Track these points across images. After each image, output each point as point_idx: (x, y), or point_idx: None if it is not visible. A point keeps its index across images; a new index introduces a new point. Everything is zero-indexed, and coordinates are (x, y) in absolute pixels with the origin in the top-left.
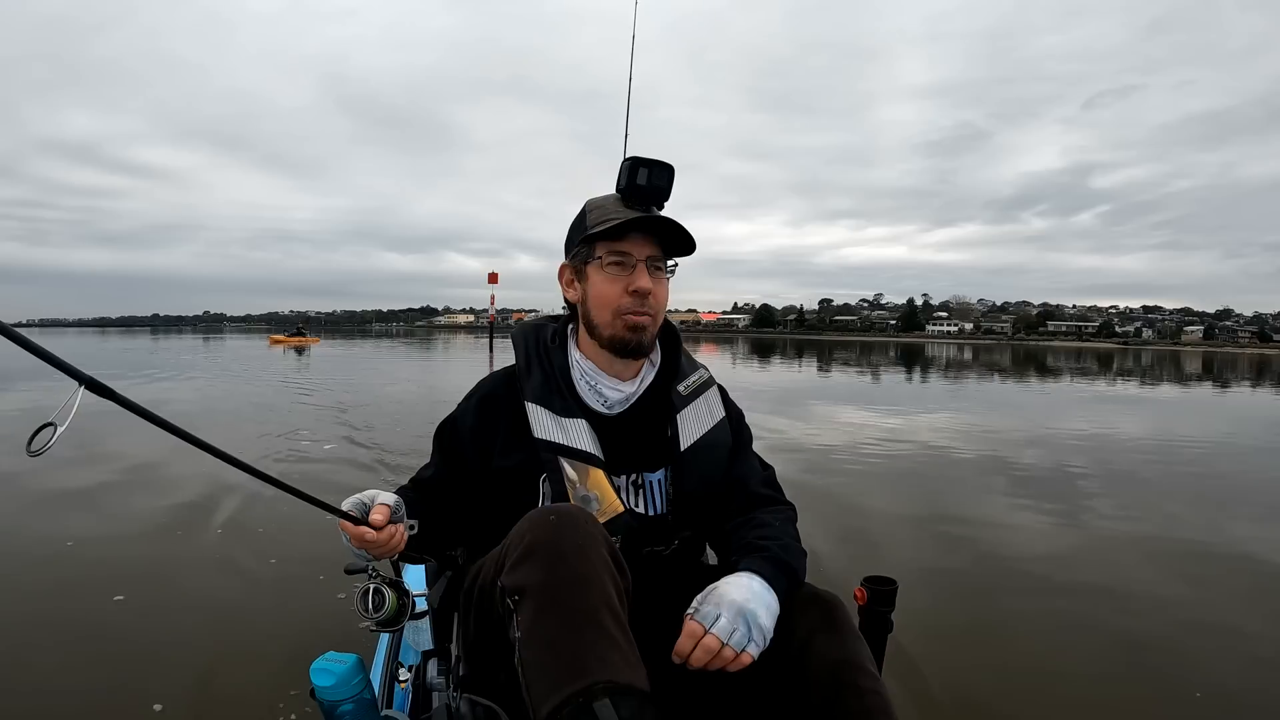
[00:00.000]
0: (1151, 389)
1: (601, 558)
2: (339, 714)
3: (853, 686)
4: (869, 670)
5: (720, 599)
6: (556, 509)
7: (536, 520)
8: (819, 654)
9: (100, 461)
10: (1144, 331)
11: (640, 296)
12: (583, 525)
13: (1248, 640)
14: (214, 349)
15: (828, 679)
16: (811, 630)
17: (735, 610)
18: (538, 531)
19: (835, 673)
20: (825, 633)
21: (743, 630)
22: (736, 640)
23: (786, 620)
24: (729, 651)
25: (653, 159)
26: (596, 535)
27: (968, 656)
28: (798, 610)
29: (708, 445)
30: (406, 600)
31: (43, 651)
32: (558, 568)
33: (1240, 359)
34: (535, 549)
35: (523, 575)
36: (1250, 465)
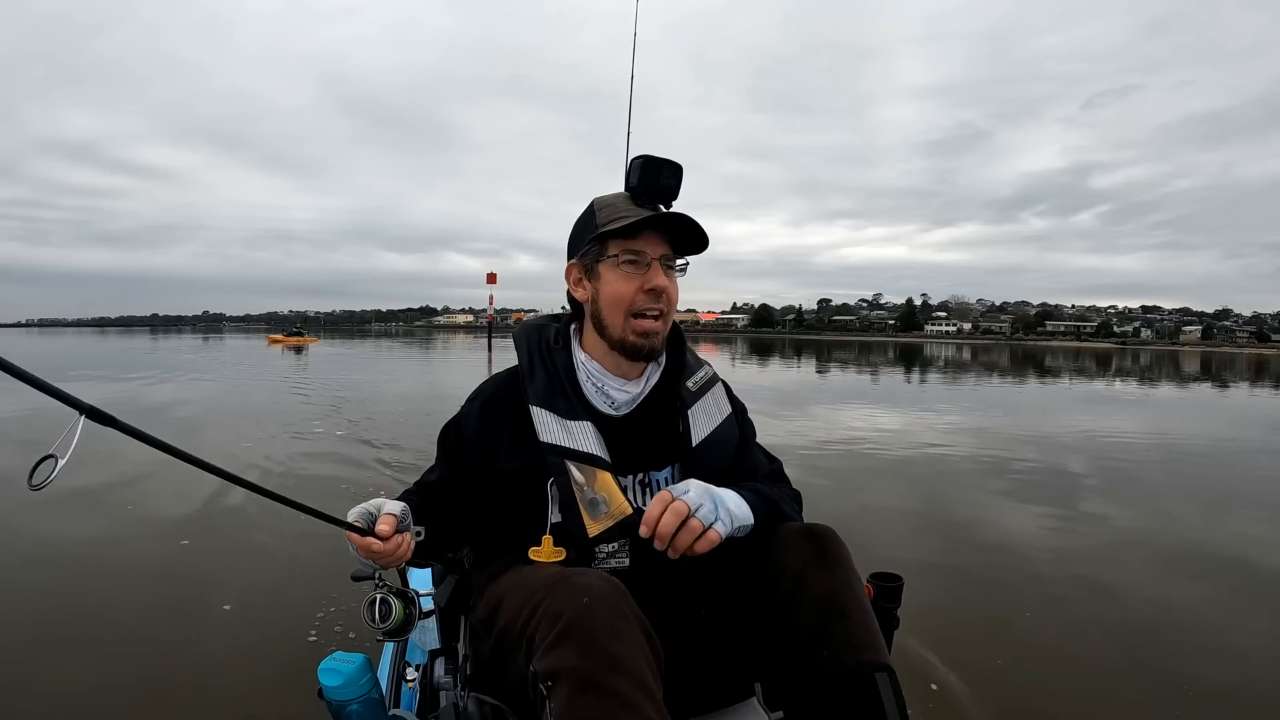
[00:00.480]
0: (1146, 390)
1: (635, 638)
2: (347, 714)
3: (840, 613)
4: (859, 598)
5: (691, 481)
6: (590, 588)
7: (570, 600)
8: (811, 585)
9: (104, 460)
10: (1142, 331)
11: (655, 295)
12: (615, 604)
13: (1245, 639)
14: (214, 349)
15: (818, 608)
16: (804, 563)
17: (703, 489)
18: (570, 614)
19: (827, 600)
20: (817, 564)
21: (710, 506)
22: (704, 514)
23: (780, 554)
24: (696, 522)
25: (663, 158)
26: (629, 614)
27: (972, 651)
28: (791, 545)
29: (718, 441)
30: (414, 609)
31: (43, 649)
32: (591, 653)
33: (1238, 359)
34: (569, 634)
35: (556, 659)
36: (1246, 465)
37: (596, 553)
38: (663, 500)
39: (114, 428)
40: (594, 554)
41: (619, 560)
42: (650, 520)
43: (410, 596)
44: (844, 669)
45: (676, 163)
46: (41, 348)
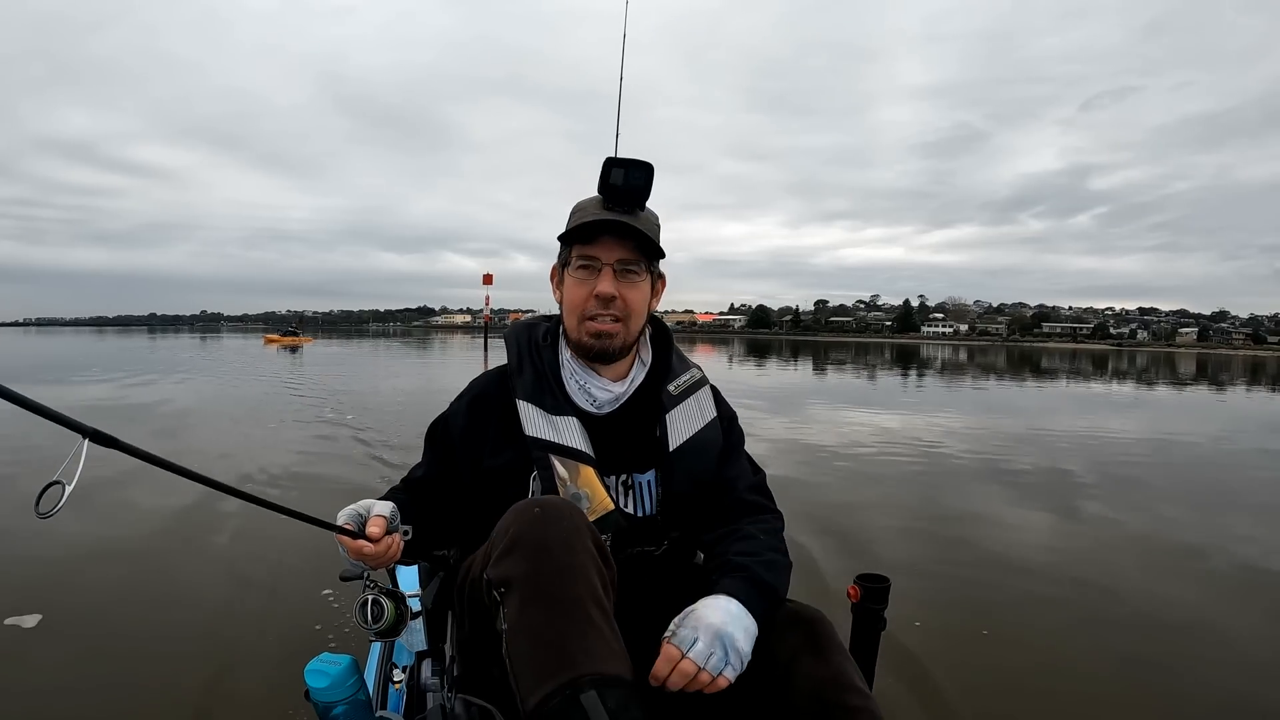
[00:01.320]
0: (1139, 390)
1: (587, 548)
2: (333, 715)
3: (841, 706)
4: (858, 688)
5: (698, 622)
6: (541, 501)
7: (521, 512)
8: (804, 674)
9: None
10: (1139, 333)
11: (603, 301)
12: (568, 517)
13: (1241, 639)
14: (212, 349)
15: (814, 699)
16: (796, 650)
17: (712, 634)
18: (522, 524)
19: (821, 693)
20: (810, 652)
21: (720, 654)
22: (713, 664)
23: (769, 641)
24: (705, 675)
25: (630, 158)
26: (582, 526)
27: (963, 652)
28: (780, 631)
29: (697, 446)
30: (405, 609)
31: (30, 650)
32: (543, 559)
33: (1234, 360)
34: (520, 541)
35: (508, 567)
36: (1239, 465)
37: None
38: (670, 659)
39: (117, 449)
40: None
41: None
42: (658, 678)
43: (400, 596)
44: None
45: (644, 162)
46: (45, 348)
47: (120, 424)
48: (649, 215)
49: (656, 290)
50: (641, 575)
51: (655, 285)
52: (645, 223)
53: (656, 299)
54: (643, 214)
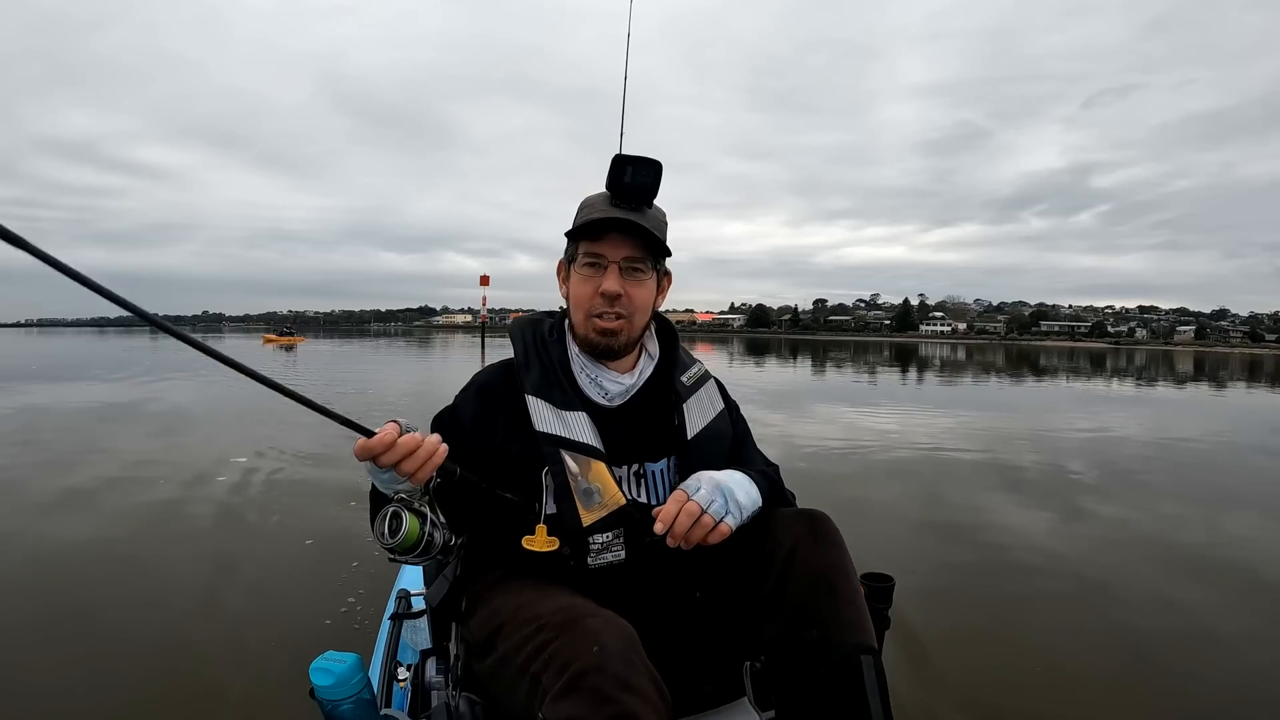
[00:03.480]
0: (1136, 389)
1: (645, 690)
2: (338, 713)
3: (831, 589)
4: (850, 575)
5: (701, 475)
6: (598, 634)
7: (579, 647)
8: (803, 560)
9: (90, 459)
10: (1137, 331)
11: (608, 299)
12: (625, 655)
13: (1243, 638)
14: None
15: (809, 583)
16: (797, 540)
17: (714, 484)
18: (580, 664)
19: (816, 578)
20: (809, 541)
21: (720, 501)
22: (715, 509)
23: (775, 533)
24: (708, 519)
25: (638, 156)
26: (639, 665)
27: (967, 650)
28: (786, 524)
29: (712, 435)
30: (430, 530)
31: (32, 650)
32: (601, 707)
33: (1230, 359)
34: (578, 684)
35: (565, 710)
36: (1238, 462)
37: (590, 543)
38: (677, 500)
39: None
40: (588, 544)
41: (615, 553)
42: (666, 518)
43: (427, 515)
44: (830, 647)
45: (652, 160)
46: (51, 349)
47: (129, 421)
48: (656, 213)
49: (662, 288)
50: (655, 564)
51: (661, 283)
52: (653, 220)
53: (662, 296)
54: (650, 212)
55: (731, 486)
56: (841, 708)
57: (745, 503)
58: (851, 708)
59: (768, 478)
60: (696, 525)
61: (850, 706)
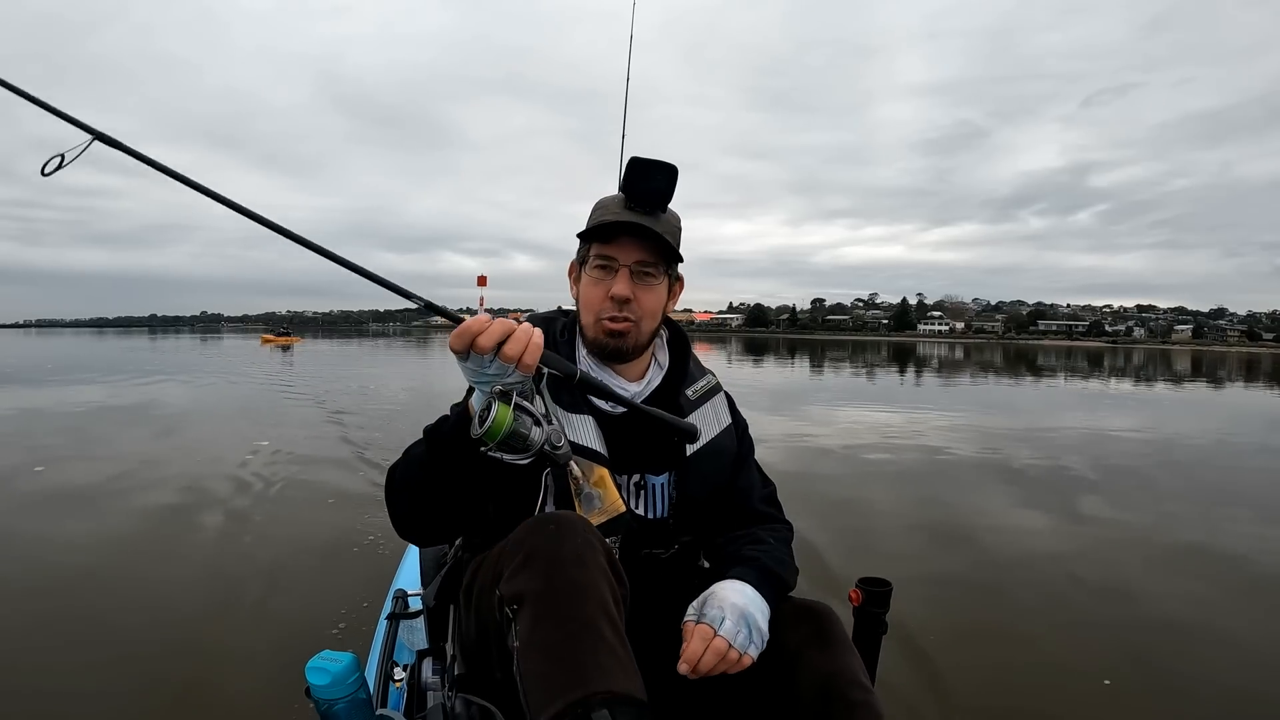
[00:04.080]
0: (1134, 387)
1: (600, 565)
2: (334, 713)
3: (844, 699)
4: (861, 682)
5: (722, 602)
6: (555, 517)
7: (535, 528)
8: (810, 666)
9: (98, 462)
10: (1135, 330)
11: (618, 303)
12: (581, 533)
13: (1244, 637)
14: (213, 349)
15: (819, 691)
16: (802, 643)
17: (738, 613)
18: (536, 539)
19: (826, 685)
20: (816, 645)
21: (745, 632)
22: (740, 642)
23: (777, 632)
24: (734, 654)
25: (653, 159)
26: (595, 543)
27: (965, 651)
28: (789, 622)
29: (713, 451)
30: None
31: (40, 651)
32: (556, 576)
33: (1227, 357)
34: (533, 557)
35: (521, 583)
36: (1237, 461)
37: None
38: (703, 637)
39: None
40: None
41: None
42: (692, 659)
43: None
44: None
45: (668, 164)
46: (52, 350)
47: (133, 419)
48: (670, 217)
49: (674, 292)
50: (648, 578)
51: (672, 288)
52: (665, 225)
53: (673, 301)
54: (664, 216)
55: (753, 613)
56: None
57: (765, 628)
58: None
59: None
60: (723, 661)
61: None
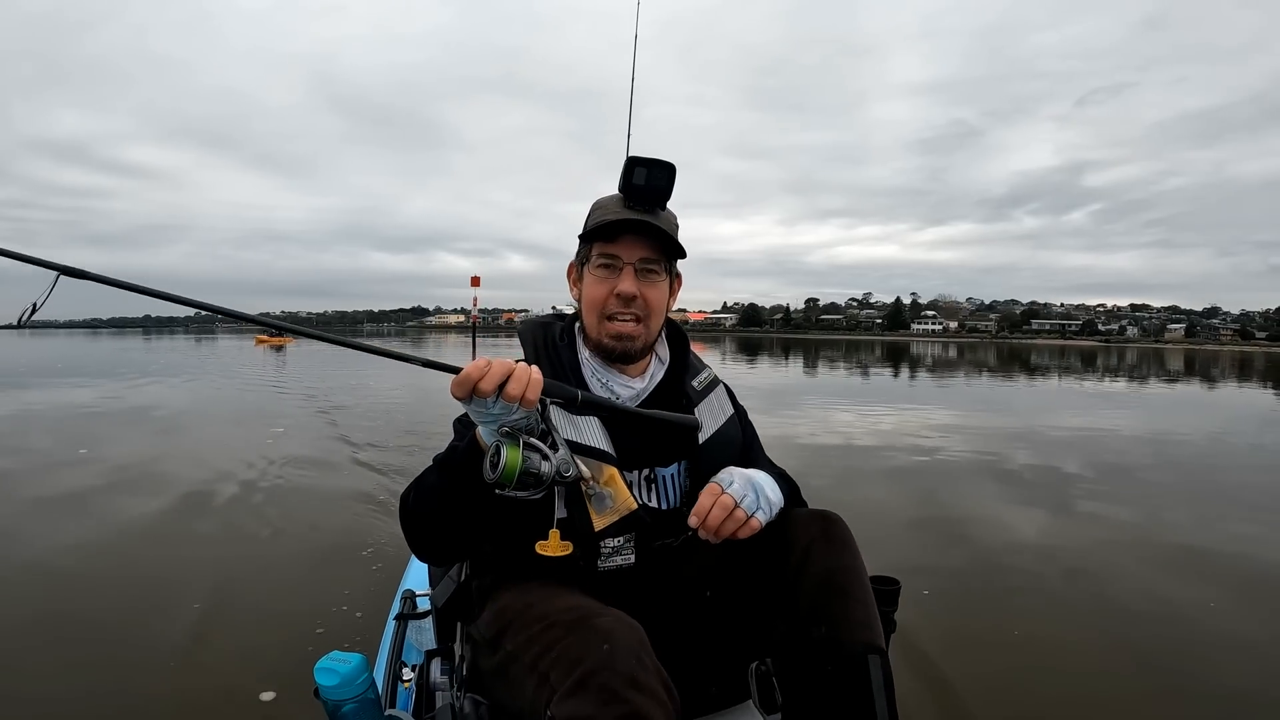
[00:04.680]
0: (1128, 386)
1: (653, 689)
2: (343, 714)
3: (841, 590)
4: (861, 579)
5: (733, 471)
6: (609, 632)
7: (590, 646)
8: (816, 561)
9: (103, 462)
10: (1128, 329)
11: (624, 300)
12: (635, 652)
13: (1244, 636)
14: (208, 350)
15: (823, 583)
16: (811, 540)
17: (745, 479)
18: (590, 662)
19: (830, 578)
20: (822, 542)
21: (753, 496)
22: (748, 504)
23: (789, 532)
24: (741, 512)
25: (652, 158)
26: (648, 664)
27: (971, 652)
28: (799, 525)
29: (723, 440)
30: (539, 462)
31: (35, 653)
32: (610, 705)
33: (1220, 356)
34: (587, 682)
35: (574, 708)
36: (1233, 459)
37: (601, 547)
38: (711, 493)
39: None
40: (599, 549)
41: (624, 557)
42: (701, 511)
43: (537, 445)
44: (838, 646)
45: (667, 162)
46: (55, 350)
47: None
48: (669, 215)
49: (673, 289)
50: (663, 567)
51: (672, 285)
52: (665, 222)
53: (673, 298)
54: (663, 214)
55: (761, 482)
56: (847, 707)
57: (774, 499)
58: (857, 707)
59: (786, 479)
60: (729, 518)
61: (856, 706)
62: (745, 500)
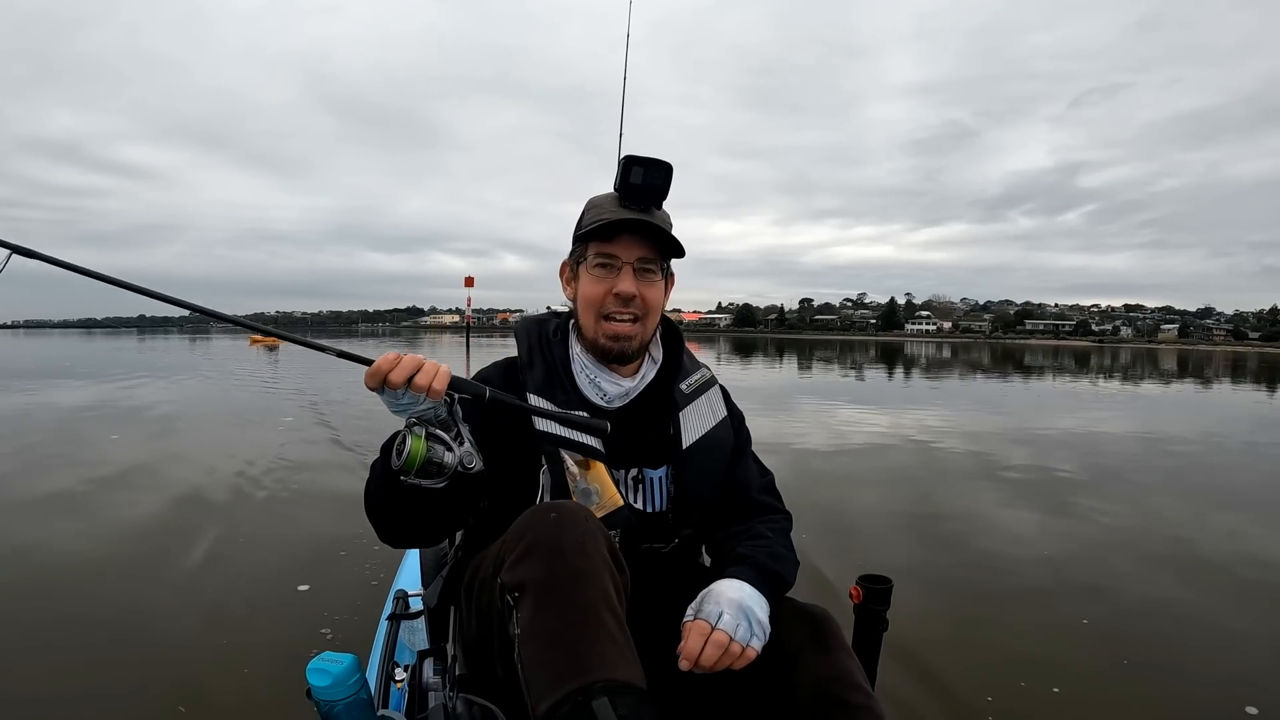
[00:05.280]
0: (1122, 386)
1: (601, 554)
2: (335, 714)
3: (843, 703)
4: (861, 685)
5: (719, 597)
6: (557, 505)
7: (537, 516)
8: (808, 670)
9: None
10: (1122, 330)
11: (623, 300)
12: (583, 521)
13: (1236, 636)
14: (204, 349)
15: (818, 696)
16: (800, 646)
17: (736, 606)
18: (538, 528)
19: (825, 689)
20: (814, 649)
21: (745, 625)
22: (741, 635)
23: (777, 636)
24: (736, 646)
25: (649, 157)
26: (596, 532)
27: (965, 652)
28: (786, 626)
29: (709, 445)
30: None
31: (31, 653)
32: (557, 564)
33: (1213, 356)
34: (535, 545)
35: (523, 572)
36: (1230, 459)
37: None
38: (701, 632)
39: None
40: None
41: None
42: (691, 654)
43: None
44: None
45: (664, 162)
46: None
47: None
48: (663, 214)
49: (667, 289)
50: (649, 572)
51: (667, 284)
52: (662, 221)
53: (666, 297)
54: (658, 213)
55: (751, 606)
56: None
57: (765, 620)
58: None
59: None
60: (724, 655)
61: None
62: (739, 632)
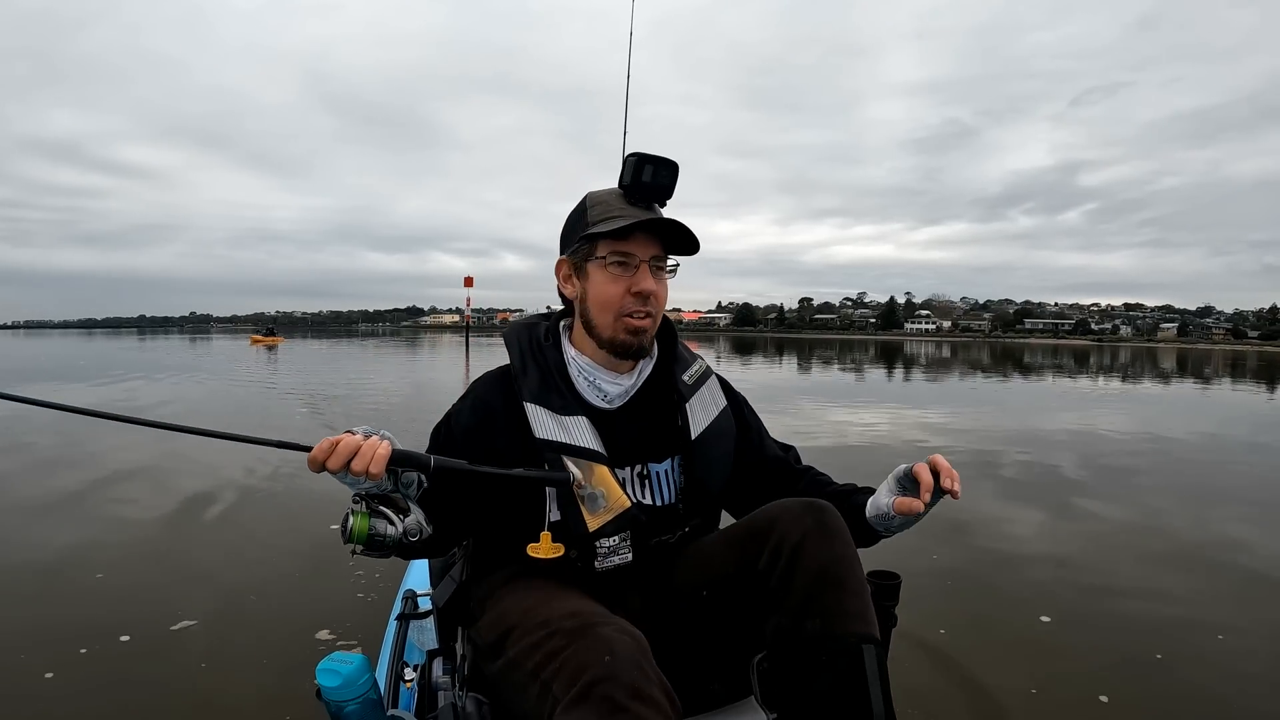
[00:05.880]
0: (1121, 385)
1: (656, 700)
2: (345, 714)
3: (835, 582)
4: (853, 569)
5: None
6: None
7: (590, 654)
8: (808, 554)
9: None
10: (1121, 329)
11: (642, 298)
12: (637, 663)
13: (1237, 636)
14: (204, 349)
15: (815, 577)
16: (804, 533)
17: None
18: (592, 672)
19: (822, 571)
20: (815, 534)
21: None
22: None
23: (779, 526)
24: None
25: (657, 155)
26: (650, 675)
27: (971, 651)
28: (794, 516)
29: (716, 433)
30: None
31: (31, 652)
32: (616, 717)
33: (1213, 355)
34: (590, 693)
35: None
36: (1227, 459)
37: (597, 548)
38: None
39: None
40: (595, 549)
41: (622, 556)
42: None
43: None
44: (832, 638)
45: (671, 160)
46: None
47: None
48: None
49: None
50: (661, 564)
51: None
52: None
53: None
54: (660, 210)
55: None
56: (843, 698)
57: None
58: (853, 698)
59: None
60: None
61: (851, 697)
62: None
